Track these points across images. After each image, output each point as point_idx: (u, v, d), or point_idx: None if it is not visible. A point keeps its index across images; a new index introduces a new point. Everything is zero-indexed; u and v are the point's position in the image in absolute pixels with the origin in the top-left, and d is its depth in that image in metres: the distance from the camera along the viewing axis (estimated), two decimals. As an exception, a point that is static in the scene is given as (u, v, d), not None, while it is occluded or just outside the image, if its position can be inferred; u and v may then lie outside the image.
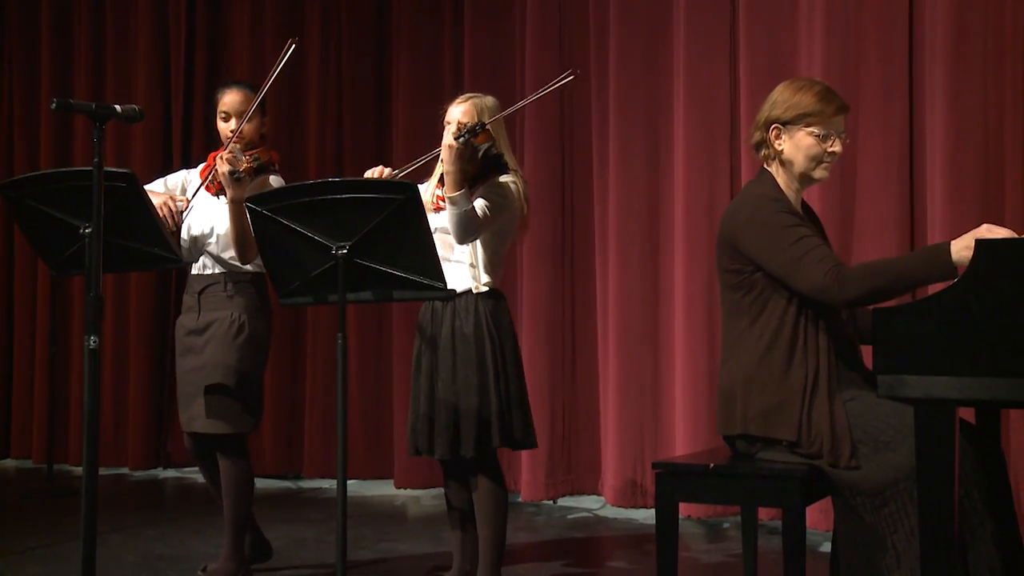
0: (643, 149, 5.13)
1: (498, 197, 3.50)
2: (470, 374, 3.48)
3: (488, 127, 3.46)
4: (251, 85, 3.99)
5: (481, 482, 3.54)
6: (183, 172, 4.08)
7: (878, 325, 2.47)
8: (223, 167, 3.66)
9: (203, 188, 3.86)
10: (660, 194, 5.11)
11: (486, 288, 3.56)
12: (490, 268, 3.57)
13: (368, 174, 3.53)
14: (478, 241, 3.53)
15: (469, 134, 3.36)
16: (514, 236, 3.69)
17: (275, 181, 3.90)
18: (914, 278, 2.73)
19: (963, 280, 2.40)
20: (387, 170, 3.54)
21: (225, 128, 3.89)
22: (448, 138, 3.42)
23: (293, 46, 3.69)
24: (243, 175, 3.66)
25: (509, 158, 3.61)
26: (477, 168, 3.51)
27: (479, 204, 3.45)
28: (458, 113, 3.58)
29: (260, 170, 3.88)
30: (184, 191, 3.98)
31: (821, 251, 2.81)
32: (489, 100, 3.63)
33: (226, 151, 3.71)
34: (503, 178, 3.56)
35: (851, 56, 4.49)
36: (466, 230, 3.40)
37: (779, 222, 2.85)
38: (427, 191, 3.63)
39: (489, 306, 3.55)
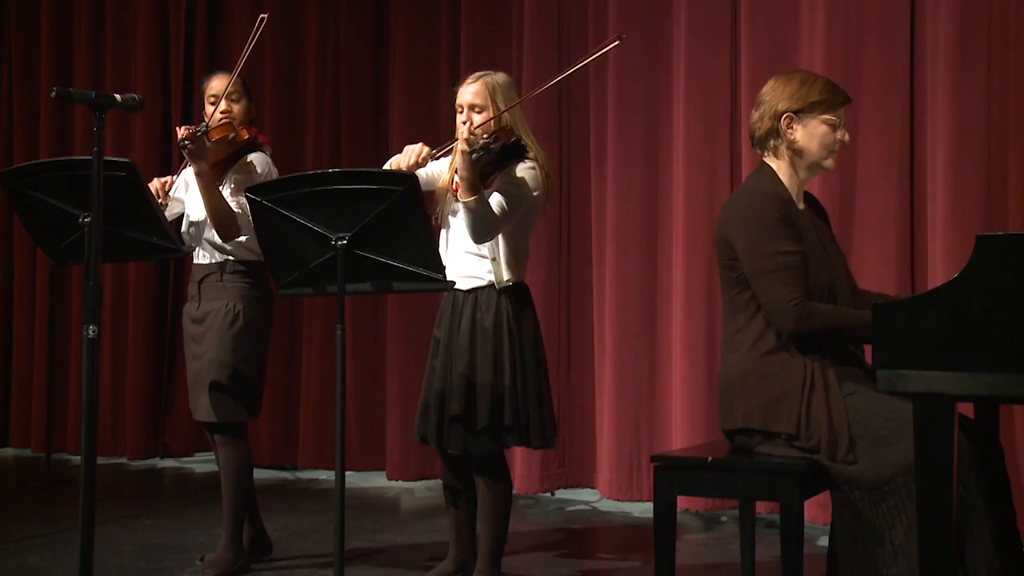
0: (642, 141, 5.12)
1: (515, 188, 3.42)
2: (486, 370, 3.43)
3: (506, 128, 3.34)
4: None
5: (486, 478, 3.51)
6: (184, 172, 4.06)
7: (878, 320, 2.47)
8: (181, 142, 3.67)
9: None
10: (659, 187, 5.10)
11: (508, 283, 3.49)
12: (513, 262, 3.50)
13: (407, 151, 3.39)
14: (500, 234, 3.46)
15: (482, 151, 3.26)
16: (535, 224, 3.60)
17: (256, 159, 3.91)
18: (866, 338, 2.79)
19: (963, 275, 2.39)
20: (426, 148, 3.39)
21: (214, 112, 3.88)
22: (463, 144, 3.28)
23: (264, 22, 3.71)
24: (186, 142, 3.62)
25: (527, 139, 3.48)
26: (494, 158, 3.40)
27: (496, 200, 3.36)
28: (469, 95, 3.47)
29: (244, 150, 3.90)
30: (187, 187, 4.00)
31: (794, 275, 2.83)
32: (500, 77, 3.51)
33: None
34: (521, 166, 3.46)
35: (852, 49, 4.48)
36: (480, 232, 3.34)
37: (768, 226, 2.86)
38: (447, 174, 3.57)
39: (511, 301, 3.49)
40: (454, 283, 3.42)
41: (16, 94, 7.16)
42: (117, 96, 2.79)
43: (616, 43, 3.42)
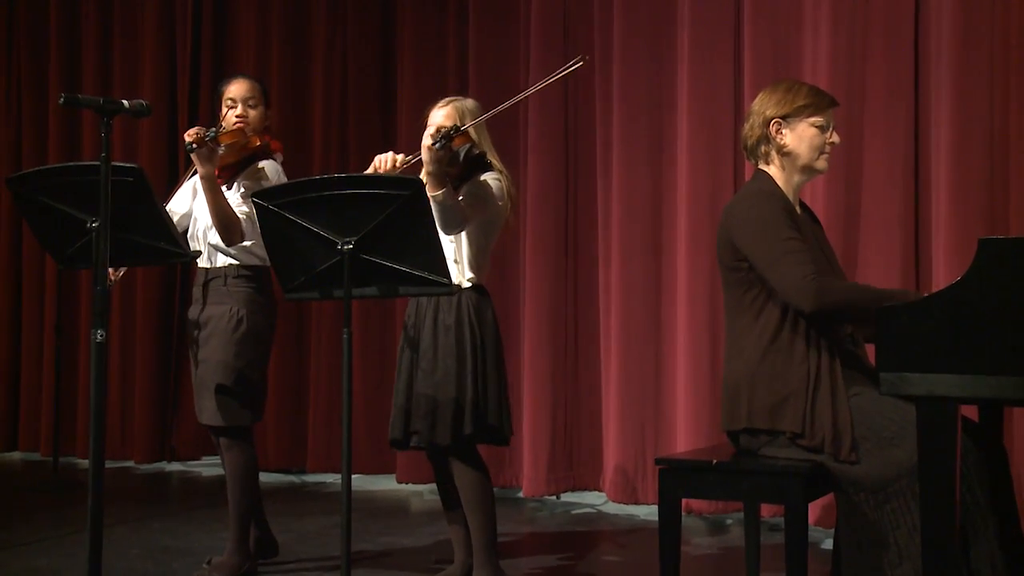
0: (646, 143, 5.13)
1: (480, 191, 3.56)
2: (449, 363, 3.53)
3: (465, 130, 3.47)
4: (257, 78, 4.15)
5: (461, 471, 3.59)
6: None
7: (881, 323, 2.48)
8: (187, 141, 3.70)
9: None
10: (663, 188, 5.11)
11: (469, 284, 3.60)
12: (474, 264, 3.61)
13: (378, 159, 3.54)
14: (463, 237, 3.57)
15: (445, 139, 3.37)
16: (498, 232, 3.71)
17: (267, 166, 3.94)
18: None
19: (966, 278, 2.40)
20: (399, 157, 3.54)
21: (230, 115, 3.94)
22: (426, 140, 3.42)
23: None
24: (192, 145, 3.64)
25: (492, 157, 3.65)
26: (460, 169, 3.56)
27: (463, 197, 3.50)
28: (439, 117, 3.64)
29: (256, 156, 3.94)
30: (196, 194, 4.02)
31: (805, 256, 2.86)
32: (469, 103, 3.70)
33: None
34: (485, 176, 3.61)
35: (857, 53, 4.49)
36: (449, 223, 3.42)
37: (773, 219, 2.89)
38: None
39: (472, 300, 3.59)
40: (460, 287, 3.52)
41: (24, 100, 7.20)
42: (124, 102, 2.81)
43: (580, 64, 3.56)
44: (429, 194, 3.37)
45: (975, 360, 2.39)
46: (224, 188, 3.86)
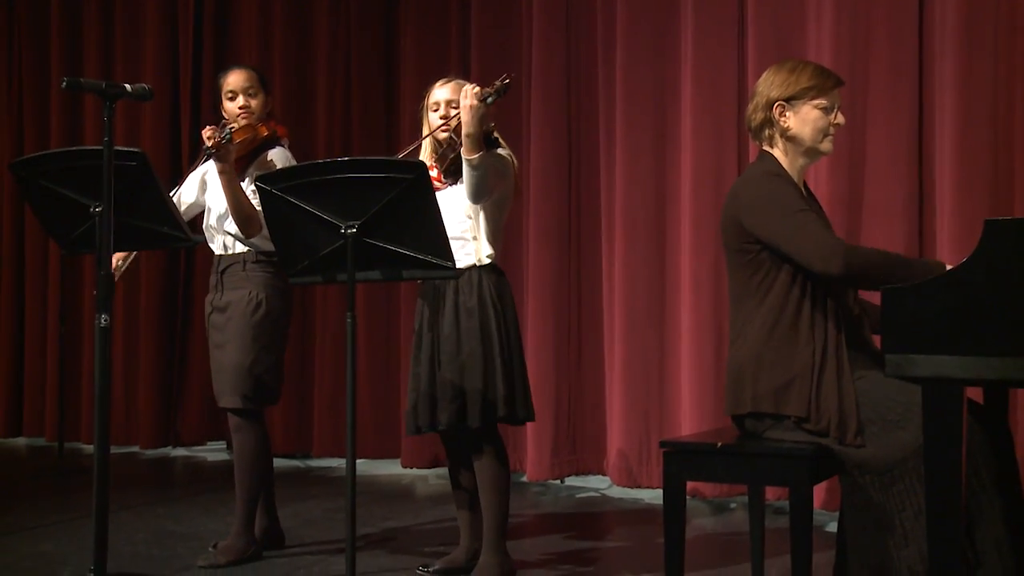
0: (650, 132, 5.12)
1: (499, 164, 3.55)
2: (475, 346, 3.50)
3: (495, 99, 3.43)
4: (253, 67, 4.16)
5: (484, 455, 3.57)
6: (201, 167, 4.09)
7: (886, 305, 2.48)
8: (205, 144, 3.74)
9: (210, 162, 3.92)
10: (667, 177, 5.10)
11: (488, 261, 3.58)
12: (492, 240, 3.59)
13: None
14: (481, 213, 3.55)
15: (497, 95, 3.32)
16: (509, 209, 3.71)
17: (275, 155, 3.95)
18: (910, 275, 2.72)
19: (971, 260, 2.40)
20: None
21: (232, 107, 3.96)
22: (472, 99, 3.36)
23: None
24: (212, 150, 3.68)
25: (496, 134, 3.63)
26: None
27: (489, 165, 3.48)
28: (445, 93, 3.64)
29: (264, 145, 3.96)
30: (206, 186, 4.05)
31: (822, 223, 2.85)
32: (467, 83, 3.65)
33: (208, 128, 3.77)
34: (499, 151, 3.59)
35: (860, 39, 4.47)
36: (480, 190, 3.41)
37: (783, 194, 2.88)
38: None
39: (492, 280, 3.57)
40: (463, 272, 3.50)
41: (26, 86, 7.20)
42: (127, 86, 2.81)
43: (506, 81, 3.40)
44: (465, 158, 3.35)
45: (980, 342, 2.38)
46: None
